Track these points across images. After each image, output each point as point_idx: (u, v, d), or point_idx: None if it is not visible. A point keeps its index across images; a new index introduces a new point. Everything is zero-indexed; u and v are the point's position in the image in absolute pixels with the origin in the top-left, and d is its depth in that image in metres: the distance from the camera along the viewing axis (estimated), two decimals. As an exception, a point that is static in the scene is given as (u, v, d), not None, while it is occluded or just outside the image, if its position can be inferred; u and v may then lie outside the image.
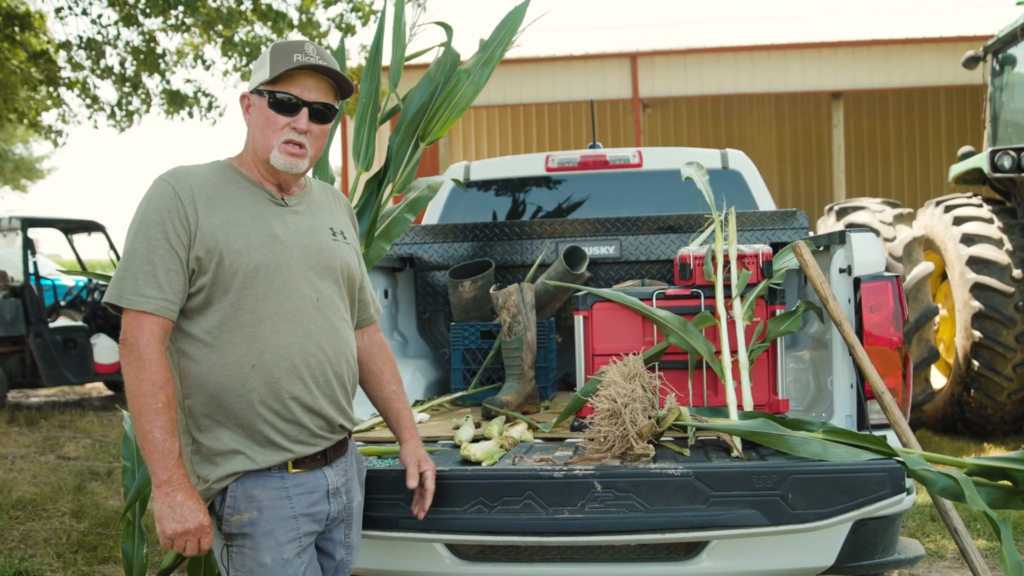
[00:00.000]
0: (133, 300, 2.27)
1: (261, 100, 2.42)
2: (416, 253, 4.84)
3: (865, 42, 16.93)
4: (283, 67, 2.38)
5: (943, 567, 4.95)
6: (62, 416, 10.58)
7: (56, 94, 13.08)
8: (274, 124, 2.41)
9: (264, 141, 2.42)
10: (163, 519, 2.23)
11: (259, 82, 2.42)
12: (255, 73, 2.46)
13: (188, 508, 2.24)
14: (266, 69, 2.41)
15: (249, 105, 2.46)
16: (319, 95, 2.45)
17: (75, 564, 5.14)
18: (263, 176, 2.48)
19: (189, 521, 2.24)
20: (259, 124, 2.43)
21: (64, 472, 7.52)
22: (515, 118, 20.99)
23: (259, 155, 2.45)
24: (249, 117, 2.46)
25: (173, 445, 2.24)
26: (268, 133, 2.41)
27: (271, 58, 2.42)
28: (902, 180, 20.44)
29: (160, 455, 2.22)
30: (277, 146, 2.41)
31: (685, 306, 3.54)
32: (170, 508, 2.23)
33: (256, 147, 2.45)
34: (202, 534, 2.27)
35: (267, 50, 2.45)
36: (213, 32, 12.37)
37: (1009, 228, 7.84)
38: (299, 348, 2.39)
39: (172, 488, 2.23)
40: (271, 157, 2.42)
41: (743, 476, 2.69)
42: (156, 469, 2.23)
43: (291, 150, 2.42)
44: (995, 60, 8.80)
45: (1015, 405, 7.73)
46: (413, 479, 2.67)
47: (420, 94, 3.70)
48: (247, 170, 2.49)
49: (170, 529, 2.23)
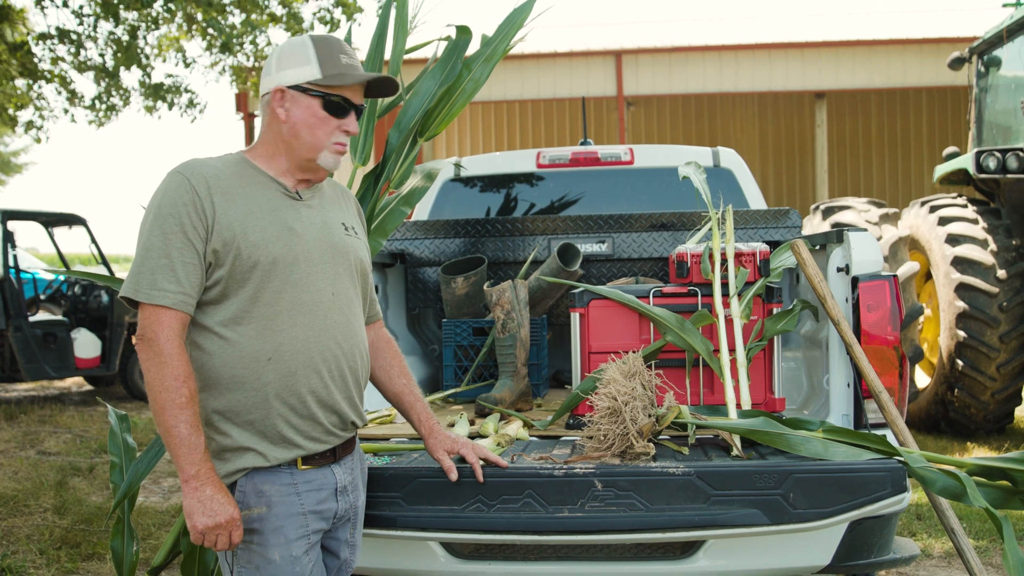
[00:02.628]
0: (151, 294, 2.23)
1: (311, 100, 2.40)
2: (407, 249, 4.81)
3: (849, 42, 17.00)
4: (336, 70, 2.38)
5: (930, 566, 4.96)
6: (42, 411, 10.48)
7: (38, 88, 12.93)
8: (326, 125, 2.41)
9: (314, 141, 2.40)
10: (193, 514, 2.20)
11: (306, 80, 2.39)
12: (293, 68, 2.40)
13: (218, 502, 2.21)
14: (314, 67, 2.38)
15: (284, 99, 2.41)
16: (361, 97, 2.48)
17: (58, 561, 5.08)
18: (285, 170, 2.45)
19: (220, 515, 2.21)
20: (307, 123, 2.40)
21: (45, 467, 7.43)
22: (499, 115, 20.95)
23: (301, 153, 2.42)
24: (287, 113, 2.41)
25: (199, 439, 2.21)
26: (319, 134, 2.40)
27: (319, 56, 2.39)
28: (884, 180, 20.56)
29: (187, 450, 2.20)
30: (327, 146, 2.41)
31: (682, 304, 3.53)
32: (200, 503, 2.20)
33: (298, 145, 2.41)
34: (233, 527, 2.24)
35: (306, 44, 2.41)
36: (195, 24, 12.27)
37: (994, 229, 7.88)
38: (316, 342, 2.36)
39: (201, 483, 2.21)
40: (319, 157, 2.42)
41: (744, 475, 2.68)
42: (184, 464, 2.20)
43: (339, 150, 2.44)
44: (980, 62, 8.85)
45: (998, 405, 7.79)
46: (452, 472, 2.72)
47: (425, 89, 3.67)
48: (263, 164, 2.45)
49: (201, 524, 2.20)
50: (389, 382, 2.76)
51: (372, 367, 2.73)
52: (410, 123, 3.63)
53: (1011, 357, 7.57)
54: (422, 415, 2.76)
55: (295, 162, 2.44)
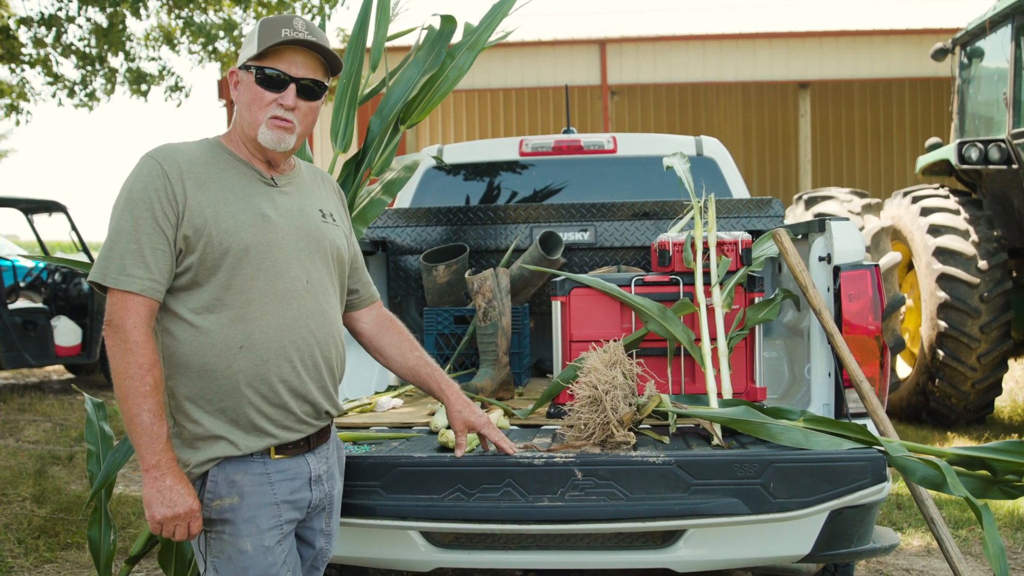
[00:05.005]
0: (119, 280, 2.21)
1: (248, 76, 2.37)
2: (388, 236, 4.78)
3: (833, 33, 17.04)
4: (271, 41, 2.32)
5: (909, 555, 4.99)
6: (21, 399, 10.40)
7: (20, 71, 12.80)
8: (261, 100, 2.36)
9: (251, 117, 2.36)
10: (152, 504, 2.19)
11: (247, 57, 2.37)
12: (244, 48, 2.40)
13: (177, 492, 2.19)
14: (254, 44, 2.35)
15: (237, 82, 2.41)
16: (307, 71, 2.39)
17: (37, 550, 5.05)
18: (252, 154, 2.43)
19: (179, 505, 2.19)
20: (246, 100, 2.38)
21: (24, 456, 7.38)
22: (483, 103, 20.91)
23: (246, 132, 2.39)
24: (236, 93, 2.40)
25: (161, 428, 2.19)
26: (255, 109, 2.36)
27: (259, 33, 2.36)
28: (867, 170, 20.65)
29: (148, 439, 2.18)
30: (264, 122, 2.35)
31: (664, 293, 3.52)
32: (159, 492, 2.18)
33: (243, 124, 2.39)
34: (192, 518, 2.22)
35: (256, 24, 2.39)
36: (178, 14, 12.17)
37: (975, 219, 7.91)
38: (289, 330, 2.34)
39: (161, 472, 2.19)
40: (258, 134, 2.36)
41: (725, 464, 2.67)
42: (144, 453, 2.18)
43: (278, 124, 2.36)
44: (963, 53, 8.87)
45: (979, 395, 7.84)
46: (460, 448, 2.74)
47: (407, 77, 3.64)
48: (236, 148, 2.43)
49: (159, 514, 2.19)
50: (402, 358, 2.75)
51: (381, 347, 2.75)
52: (392, 111, 3.61)
53: (991, 347, 7.61)
54: (441, 383, 2.75)
55: (249, 143, 2.41)
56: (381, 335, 2.76)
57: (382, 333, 2.76)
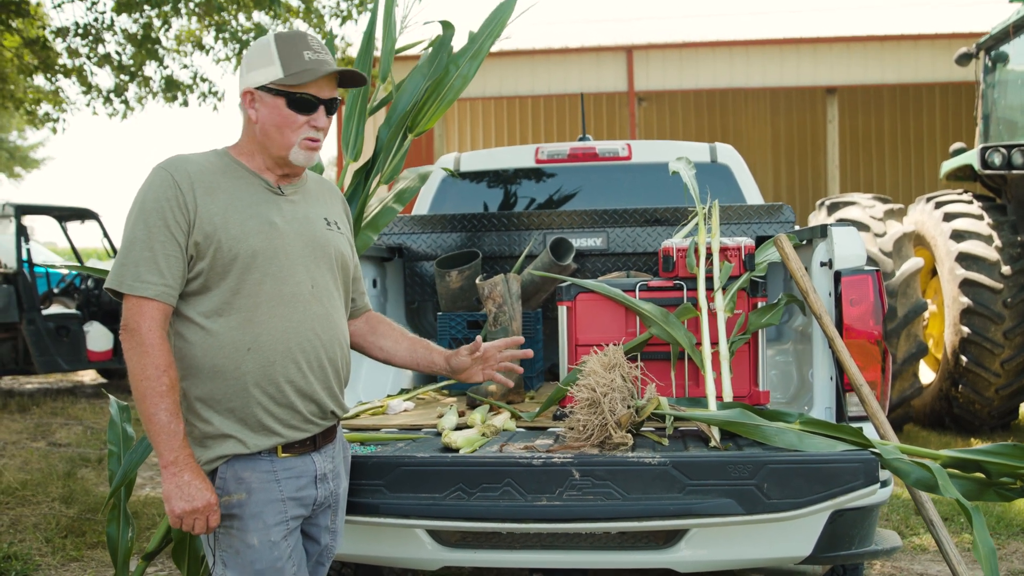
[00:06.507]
0: (134, 286, 2.31)
1: (276, 100, 2.44)
2: (405, 243, 4.86)
3: (860, 38, 16.92)
4: (299, 67, 2.41)
5: (925, 560, 4.99)
6: (54, 403, 10.61)
7: (55, 81, 13.05)
8: (293, 123, 2.45)
9: (283, 139, 2.45)
10: (171, 499, 2.29)
11: (270, 80, 2.43)
12: (259, 68, 2.46)
13: (195, 487, 2.29)
14: (276, 67, 2.43)
15: (254, 100, 2.47)
16: (331, 91, 2.51)
17: (64, 549, 5.18)
18: (265, 167, 2.51)
19: (197, 500, 2.29)
20: (274, 122, 2.45)
21: (55, 458, 7.54)
22: (511, 110, 20.98)
23: (273, 152, 2.47)
24: (257, 113, 2.47)
25: (178, 426, 2.29)
26: (287, 132, 2.45)
27: (280, 55, 2.43)
28: (896, 176, 20.47)
29: (166, 436, 2.28)
30: (297, 143, 2.46)
31: (667, 298, 3.57)
32: (178, 488, 2.28)
33: (269, 144, 2.47)
34: (210, 512, 2.32)
35: (270, 44, 2.46)
36: (209, 20, 12.35)
37: (999, 225, 7.87)
38: (295, 333, 2.43)
39: (179, 468, 2.29)
40: (291, 155, 2.47)
41: (719, 465, 2.72)
42: (162, 450, 2.28)
43: (310, 145, 2.48)
44: (987, 57, 8.83)
45: (1002, 401, 7.78)
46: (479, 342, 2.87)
47: (413, 85, 3.72)
48: (246, 160, 2.52)
49: (179, 508, 2.29)
50: (396, 344, 2.89)
51: (378, 344, 2.88)
52: (399, 119, 3.69)
53: (1015, 353, 7.57)
54: (433, 348, 2.92)
55: (271, 159, 2.50)
56: (374, 331, 2.89)
57: (375, 332, 2.89)
